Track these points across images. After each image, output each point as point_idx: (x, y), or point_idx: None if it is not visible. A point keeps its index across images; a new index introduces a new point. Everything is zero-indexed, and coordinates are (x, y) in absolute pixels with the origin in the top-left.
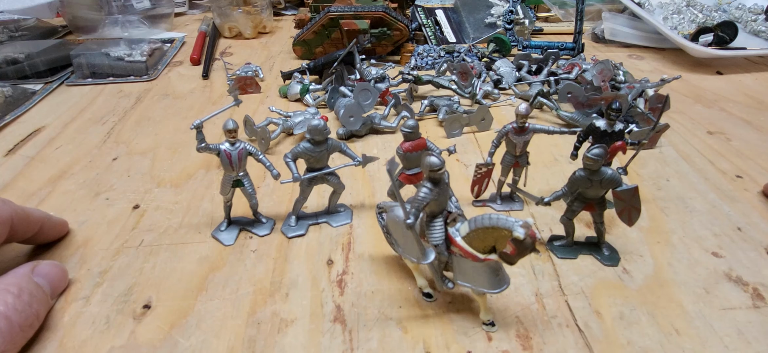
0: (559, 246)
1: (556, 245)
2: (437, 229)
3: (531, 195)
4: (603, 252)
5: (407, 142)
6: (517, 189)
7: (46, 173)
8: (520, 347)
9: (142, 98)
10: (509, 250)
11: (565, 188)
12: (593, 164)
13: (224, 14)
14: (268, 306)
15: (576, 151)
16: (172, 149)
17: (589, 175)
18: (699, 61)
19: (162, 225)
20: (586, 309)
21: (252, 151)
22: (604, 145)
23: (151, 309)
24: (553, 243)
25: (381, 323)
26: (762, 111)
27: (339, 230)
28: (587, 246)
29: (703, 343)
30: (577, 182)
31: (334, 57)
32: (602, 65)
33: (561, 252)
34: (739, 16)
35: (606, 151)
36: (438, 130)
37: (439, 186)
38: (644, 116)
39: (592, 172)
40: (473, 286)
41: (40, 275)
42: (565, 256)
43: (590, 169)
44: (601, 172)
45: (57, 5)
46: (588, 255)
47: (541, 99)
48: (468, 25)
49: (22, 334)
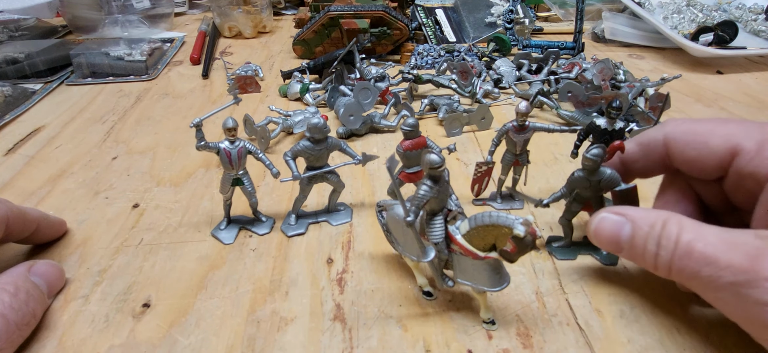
0: (557, 248)
1: (554, 247)
2: (437, 227)
3: (530, 197)
4: (602, 251)
5: (407, 141)
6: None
7: (46, 172)
8: (520, 345)
9: (142, 98)
10: (509, 248)
11: (563, 189)
12: (592, 164)
13: (224, 14)
14: (267, 304)
15: (576, 150)
16: (172, 148)
17: (588, 175)
18: (699, 60)
19: (161, 224)
20: (587, 307)
21: (251, 149)
22: (603, 145)
23: (150, 308)
24: (552, 244)
25: (381, 321)
26: (762, 110)
27: (339, 228)
28: (586, 246)
29: (704, 342)
30: (575, 182)
31: (334, 56)
32: (602, 64)
33: (560, 254)
34: (739, 15)
35: (604, 150)
36: (438, 129)
37: (439, 183)
38: (644, 115)
39: (591, 172)
40: (473, 284)
41: (37, 274)
42: (564, 257)
43: (589, 169)
44: (600, 171)
45: (57, 5)
46: (587, 255)
47: (542, 98)
48: (468, 25)
49: (18, 333)
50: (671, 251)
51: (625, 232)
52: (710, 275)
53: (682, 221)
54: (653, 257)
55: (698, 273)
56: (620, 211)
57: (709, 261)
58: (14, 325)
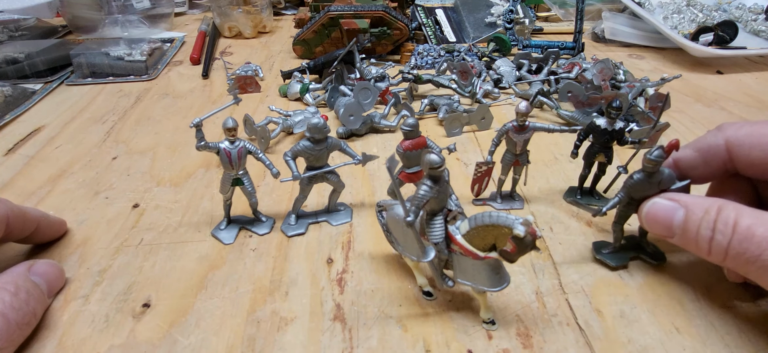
0: (608, 254)
1: (605, 253)
2: (437, 227)
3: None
4: (648, 251)
5: (407, 141)
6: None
7: (46, 172)
8: (520, 345)
9: (142, 98)
10: (509, 248)
11: (621, 193)
12: (654, 166)
13: (224, 14)
14: (267, 304)
15: (576, 150)
16: (172, 148)
17: (648, 177)
18: (699, 60)
19: (161, 224)
20: (587, 307)
21: (251, 149)
22: (661, 146)
23: (150, 308)
24: (602, 251)
25: (381, 321)
26: (762, 110)
27: (339, 229)
28: (632, 248)
29: (704, 342)
30: (636, 186)
31: (334, 56)
32: (602, 64)
33: (612, 260)
34: (739, 15)
35: (664, 150)
36: (438, 129)
37: (439, 183)
38: (644, 115)
39: (652, 174)
40: (473, 284)
41: (37, 274)
42: (617, 263)
43: (650, 171)
44: (660, 172)
45: (57, 5)
46: (636, 257)
47: (542, 98)
48: (468, 25)
49: (19, 332)
50: (728, 236)
51: (678, 217)
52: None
53: (738, 207)
54: (707, 241)
55: (759, 257)
56: (673, 197)
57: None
58: (15, 325)
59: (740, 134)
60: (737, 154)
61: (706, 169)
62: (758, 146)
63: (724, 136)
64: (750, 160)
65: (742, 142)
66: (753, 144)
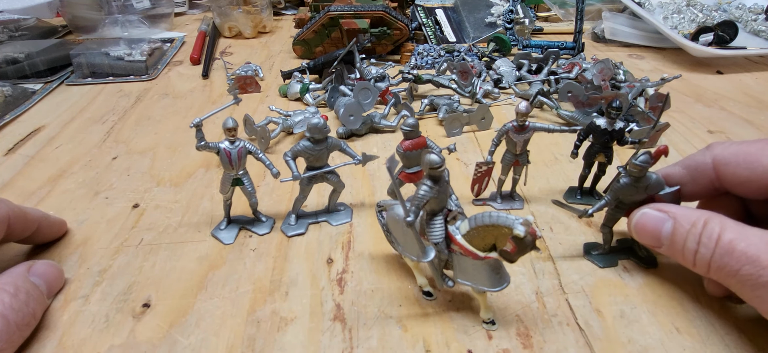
0: (597, 255)
1: (594, 255)
2: (437, 227)
3: (574, 209)
4: (640, 254)
5: (407, 141)
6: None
7: (46, 172)
8: (520, 345)
9: (142, 98)
10: (509, 248)
11: (608, 197)
12: (639, 171)
13: (224, 14)
14: (267, 304)
15: (576, 150)
16: (172, 148)
17: (634, 181)
18: (699, 60)
19: (161, 224)
20: (587, 307)
21: (251, 149)
22: (649, 151)
23: (150, 308)
24: (591, 253)
25: (381, 321)
26: (762, 110)
27: (339, 229)
28: (623, 251)
29: (704, 341)
30: (622, 190)
31: (334, 56)
32: (602, 64)
33: (601, 261)
34: (739, 15)
35: (651, 156)
36: (438, 129)
37: (439, 183)
38: (644, 115)
39: (638, 179)
40: (473, 284)
41: (36, 274)
42: (606, 265)
43: (636, 176)
44: (647, 177)
45: (57, 5)
46: (626, 259)
47: (542, 98)
48: (468, 25)
49: (19, 333)
50: (711, 249)
51: (666, 228)
52: (750, 273)
53: (724, 221)
54: (693, 254)
55: (738, 271)
56: (662, 208)
57: (750, 260)
58: (14, 325)
59: (727, 153)
60: (724, 172)
61: (695, 186)
62: (744, 164)
63: (712, 155)
64: (737, 178)
65: (729, 161)
66: (739, 162)
